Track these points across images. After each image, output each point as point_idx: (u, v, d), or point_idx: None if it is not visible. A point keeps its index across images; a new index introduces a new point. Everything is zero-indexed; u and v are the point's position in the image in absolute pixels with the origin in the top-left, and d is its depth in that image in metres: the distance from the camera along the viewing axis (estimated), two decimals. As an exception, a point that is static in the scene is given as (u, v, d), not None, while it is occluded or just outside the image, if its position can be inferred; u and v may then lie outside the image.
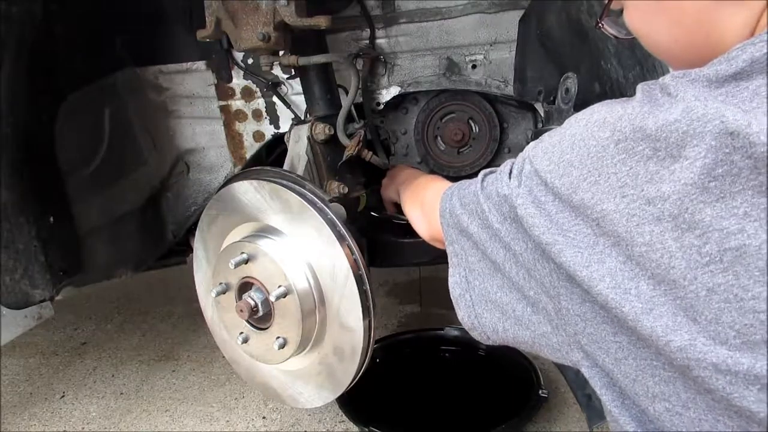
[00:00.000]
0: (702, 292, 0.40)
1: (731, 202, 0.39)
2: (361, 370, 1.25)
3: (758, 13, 0.50)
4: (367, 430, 1.52)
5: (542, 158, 0.55)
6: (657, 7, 0.55)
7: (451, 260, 0.71)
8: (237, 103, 1.60)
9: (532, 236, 0.53)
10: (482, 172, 0.69)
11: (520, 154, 0.62)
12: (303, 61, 1.30)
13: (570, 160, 0.51)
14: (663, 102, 0.47)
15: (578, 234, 0.48)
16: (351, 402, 1.56)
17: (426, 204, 0.96)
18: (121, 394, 2.08)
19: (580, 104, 1.11)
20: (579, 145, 0.51)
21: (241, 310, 1.20)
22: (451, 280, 0.71)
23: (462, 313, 0.71)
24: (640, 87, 0.51)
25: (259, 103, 1.59)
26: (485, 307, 0.66)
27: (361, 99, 1.49)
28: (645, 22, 0.57)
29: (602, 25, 0.63)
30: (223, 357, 1.50)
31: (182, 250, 1.83)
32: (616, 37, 0.64)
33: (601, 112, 0.52)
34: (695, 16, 0.52)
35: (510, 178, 0.59)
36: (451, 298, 0.72)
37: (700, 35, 0.54)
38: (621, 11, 0.60)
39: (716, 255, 0.39)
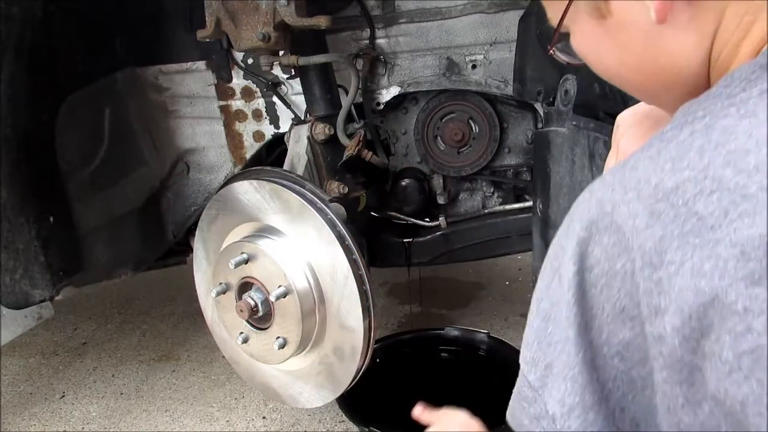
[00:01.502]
0: (737, 407, 0.36)
1: (726, 298, 0.36)
2: (361, 370, 1.25)
3: (711, 34, 0.49)
4: (367, 430, 1.52)
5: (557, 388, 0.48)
6: (602, 32, 0.54)
7: None
8: (237, 103, 1.60)
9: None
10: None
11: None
12: (303, 61, 1.30)
13: (547, 311, 0.48)
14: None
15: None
16: (351, 402, 1.56)
17: None
18: (121, 394, 2.08)
19: (580, 105, 1.11)
20: (551, 290, 0.48)
21: (241, 310, 1.20)
22: None
23: None
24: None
25: (259, 103, 1.59)
26: None
27: (361, 99, 1.49)
28: (592, 47, 0.56)
29: (553, 51, 0.61)
30: (223, 357, 1.50)
31: (182, 250, 1.83)
32: (569, 63, 0.63)
33: (560, 249, 0.48)
34: (642, 40, 0.51)
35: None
36: None
37: (648, 58, 0.53)
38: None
39: (734, 362, 0.36)
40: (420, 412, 1.16)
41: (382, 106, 1.54)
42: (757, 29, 0.47)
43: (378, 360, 1.72)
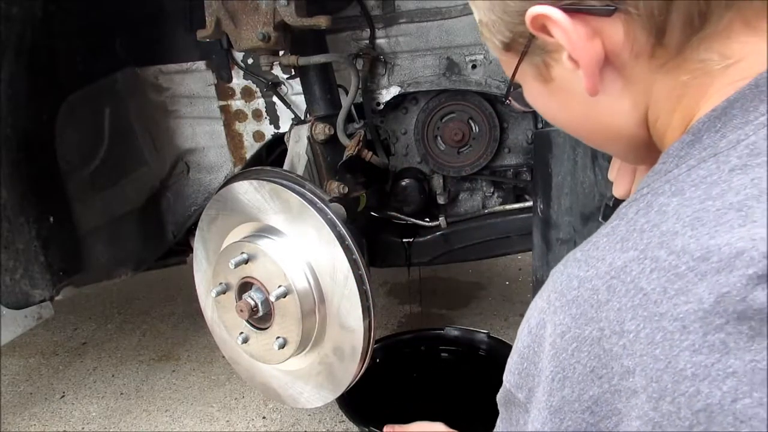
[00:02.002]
0: None
1: (676, 365, 0.40)
2: (361, 371, 1.25)
3: (644, 102, 0.54)
4: (367, 430, 1.52)
5: (510, 382, 0.55)
6: (547, 93, 0.59)
7: None
8: (237, 103, 1.60)
9: None
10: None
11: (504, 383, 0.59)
12: (303, 61, 1.30)
13: (529, 371, 0.52)
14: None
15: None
16: (351, 402, 1.56)
17: None
18: (121, 394, 2.08)
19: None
20: (532, 352, 0.52)
21: (241, 310, 1.20)
22: None
23: None
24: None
25: (259, 103, 1.59)
26: None
27: (361, 99, 1.49)
28: (540, 104, 0.62)
29: (510, 101, 0.67)
30: (223, 357, 1.50)
31: (182, 250, 1.83)
32: (524, 111, 0.68)
33: (548, 297, 0.52)
34: (581, 103, 0.56)
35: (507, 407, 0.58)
36: None
37: (589, 118, 0.58)
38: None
39: (693, 419, 0.40)
40: (391, 427, 1.21)
41: (382, 106, 1.54)
42: (686, 103, 0.52)
43: (378, 360, 1.72)
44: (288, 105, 1.56)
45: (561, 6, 0.50)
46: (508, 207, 1.64)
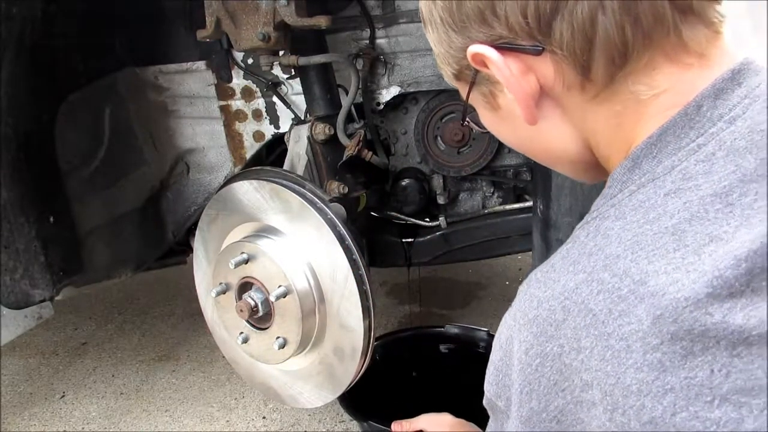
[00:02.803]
0: None
1: (624, 381, 0.44)
2: (362, 371, 1.25)
3: (583, 129, 0.58)
4: (366, 424, 1.52)
5: (490, 393, 0.59)
6: (497, 119, 0.64)
7: None
8: (237, 103, 1.60)
9: None
10: None
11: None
12: (303, 61, 1.30)
13: (504, 383, 0.55)
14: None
15: None
16: (350, 398, 1.56)
17: None
18: (121, 394, 2.08)
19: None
20: (504, 365, 0.56)
21: (241, 310, 1.20)
22: None
23: None
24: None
25: (259, 103, 1.59)
26: None
27: (361, 99, 1.49)
28: (491, 127, 0.66)
29: (467, 122, 0.72)
30: (223, 357, 1.50)
31: (182, 250, 1.83)
32: (481, 132, 0.71)
33: (515, 315, 0.56)
34: (526, 130, 0.60)
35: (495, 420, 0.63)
36: None
37: (535, 142, 0.63)
38: None
39: (641, 429, 0.43)
40: (398, 424, 1.24)
41: (382, 106, 1.54)
42: (624, 130, 0.55)
43: (378, 357, 1.72)
44: (288, 105, 1.56)
45: (496, 44, 0.55)
46: (508, 207, 1.64)
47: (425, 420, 1.21)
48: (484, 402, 0.62)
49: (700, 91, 0.51)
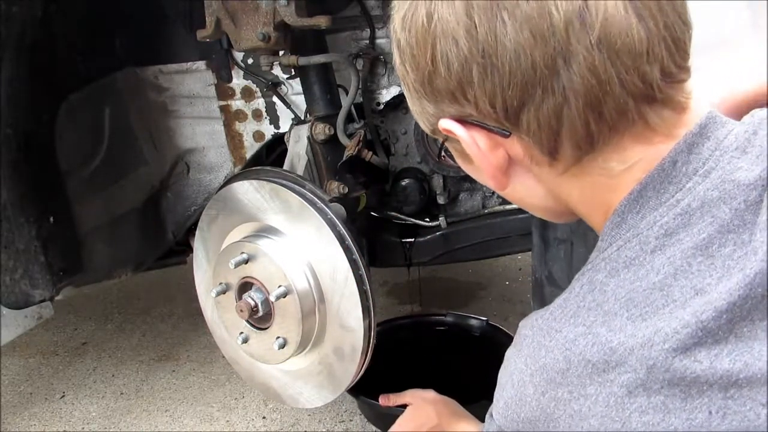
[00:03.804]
0: None
1: (630, 425, 0.47)
2: (362, 370, 1.25)
3: (558, 192, 0.60)
4: (358, 400, 1.55)
5: (507, 421, 0.61)
6: (472, 167, 0.66)
7: None
8: (237, 103, 1.60)
9: None
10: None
11: (493, 418, 0.66)
12: (303, 61, 1.30)
13: (528, 417, 0.57)
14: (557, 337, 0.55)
15: None
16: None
17: None
18: (121, 394, 2.08)
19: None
20: (521, 403, 0.58)
21: (241, 310, 1.20)
22: None
23: None
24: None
25: (259, 103, 1.59)
26: None
27: (361, 99, 1.49)
28: (469, 171, 0.68)
29: (444, 157, 0.73)
30: (223, 357, 1.50)
31: (182, 250, 1.83)
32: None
33: (515, 368, 0.59)
34: (493, 181, 0.62)
35: None
36: None
37: (510, 193, 0.64)
38: None
39: None
40: (386, 398, 1.33)
41: (382, 106, 1.54)
42: (599, 196, 0.57)
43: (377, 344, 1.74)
44: (288, 105, 1.56)
45: (466, 120, 0.57)
46: (508, 207, 1.63)
47: (410, 394, 1.28)
48: (489, 426, 0.65)
49: (672, 147, 0.53)
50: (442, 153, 0.73)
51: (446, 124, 0.58)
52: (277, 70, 1.50)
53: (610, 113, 0.51)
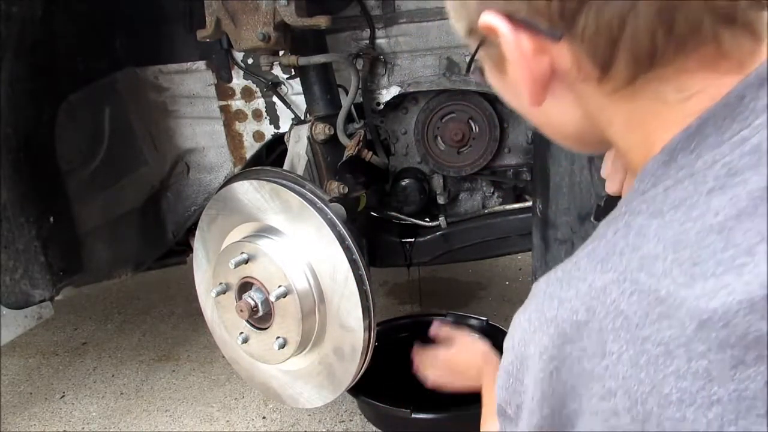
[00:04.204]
0: None
1: (662, 390, 0.40)
2: (362, 370, 1.25)
3: (597, 119, 0.53)
4: (358, 400, 1.55)
5: (501, 400, 0.57)
6: (503, 83, 0.59)
7: None
8: (237, 103, 1.60)
9: None
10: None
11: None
12: (303, 61, 1.30)
13: (519, 389, 0.52)
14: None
15: None
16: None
17: None
18: (121, 394, 2.08)
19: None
20: (525, 365, 0.52)
21: (241, 310, 1.20)
22: None
23: None
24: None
25: (259, 103, 1.59)
26: None
27: (361, 99, 1.49)
28: (497, 88, 0.61)
29: (471, 73, 0.67)
30: (223, 357, 1.50)
31: (182, 250, 1.83)
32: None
33: (530, 316, 0.53)
34: (528, 94, 0.54)
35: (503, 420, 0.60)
36: None
37: (539, 116, 0.57)
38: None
39: None
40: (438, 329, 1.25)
41: (382, 106, 1.54)
42: (644, 127, 0.51)
43: (377, 344, 1.74)
44: (288, 105, 1.56)
45: (513, 17, 0.49)
46: (508, 207, 1.64)
47: (461, 336, 1.22)
48: (496, 409, 0.59)
49: (741, 80, 0.46)
50: (470, 68, 0.64)
51: (489, 18, 0.50)
52: (277, 70, 1.50)
53: (681, 27, 0.45)
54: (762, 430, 0.37)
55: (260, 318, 1.23)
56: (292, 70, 1.41)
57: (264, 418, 1.89)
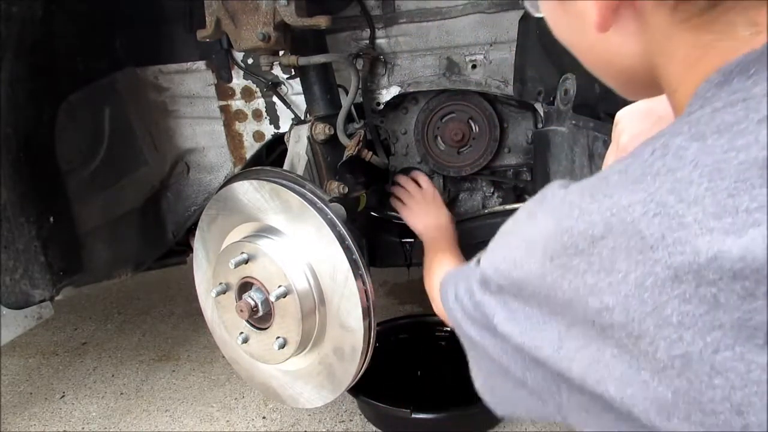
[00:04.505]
0: (669, 395, 0.42)
1: (663, 311, 0.41)
2: (362, 370, 1.25)
3: (657, 52, 0.51)
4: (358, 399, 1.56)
5: (498, 275, 0.57)
6: (561, 10, 0.56)
7: (471, 366, 0.70)
8: (237, 103, 1.60)
9: (517, 345, 0.54)
10: (466, 270, 0.69)
11: (480, 263, 0.62)
12: (303, 61, 1.30)
13: (520, 278, 0.52)
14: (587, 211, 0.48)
15: (552, 336, 0.50)
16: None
17: (435, 296, 1.00)
18: (121, 394, 2.08)
19: (580, 105, 1.11)
20: (521, 263, 0.52)
21: (241, 310, 1.20)
22: (476, 385, 0.69)
23: (499, 412, 0.71)
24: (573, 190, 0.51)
25: (259, 103, 1.59)
26: (511, 404, 0.65)
27: (361, 99, 1.49)
28: (552, 18, 0.58)
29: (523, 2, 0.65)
30: (223, 357, 1.50)
31: (182, 250, 1.83)
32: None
33: (536, 223, 0.53)
34: (590, 32, 0.52)
35: (480, 288, 0.61)
36: (485, 401, 0.72)
37: (595, 49, 0.55)
38: None
39: (668, 361, 0.41)
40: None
41: (382, 106, 1.54)
42: (705, 64, 0.48)
43: (377, 344, 1.75)
44: (288, 105, 1.56)
45: None
46: (508, 207, 1.63)
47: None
48: (479, 278, 0.60)
49: None
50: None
51: None
52: (277, 70, 1.50)
53: None
54: (757, 359, 0.37)
55: (260, 318, 1.23)
56: (292, 70, 1.41)
57: (264, 418, 1.89)
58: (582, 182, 0.50)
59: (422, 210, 1.53)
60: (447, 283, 0.75)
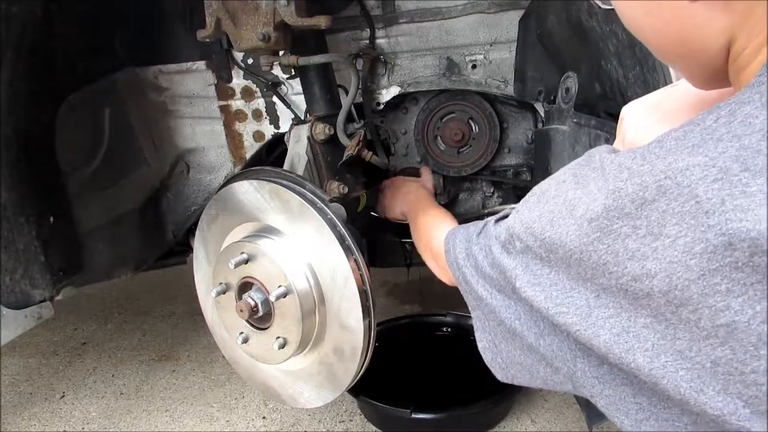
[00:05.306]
0: (707, 364, 0.41)
1: (711, 279, 0.40)
2: (362, 370, 1.25)
3: (738, 26, 0.50)
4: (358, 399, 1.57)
5: (527, 234, 0.55)
6: None
7: (475, 324, 0.69)
8: (237, 103, 1.60)
9: (538, 309, 0.53)
10: (479, 226, 0.67)
11: (506, 221, 0.60)
12: (303, 61, 1.30)
13: (552, 239, 0.51)
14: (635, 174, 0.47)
15: (580, 303, 0.49)
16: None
17: (436, 253, 0.96)
18: (121, 394, 2.08)
19: (581, 104, 1.11)
20: (558, 223, 0.51)
21: (241, 310, 1.20)
22: (480, 345, 0.69)
23: (498, 376, 0.70)
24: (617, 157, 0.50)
25: (259, 103, 1.59)
26: (515, 369, 0.64)
27: (361, 99, 1.49)
28: (626, 3, 0.56)
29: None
30: (223, 357, 1.50)
31: (182, 250, 1.83)
32: (599, 6, 0.64)
33: (579, 184, 0.51)
34: (671, 11, 0.51)
35: (502, 248, 0.59)
36: (485, 361, 0.70)
37: (674, 26, 0.52)
38: None
39: (712, 330, 0.40)
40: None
41: (382, 106, 1.54)
42: None
43: (377, 344, 1.76)
44: (288, 105, 1.56)
45: None
46: (508, 207, 1.63)
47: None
48: (504, 238, 0.58)
49: None
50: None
51: None
52: (277, 70, 1.50)
53: None
54: None
55: (260, 318, 1.23)
56: (292, 70, 1.41)
57: (264, 418, 1.89)
58: (643, 147, 0.48)
59: (391, 195, 1.46)
60: (454, 239, 0.73)
